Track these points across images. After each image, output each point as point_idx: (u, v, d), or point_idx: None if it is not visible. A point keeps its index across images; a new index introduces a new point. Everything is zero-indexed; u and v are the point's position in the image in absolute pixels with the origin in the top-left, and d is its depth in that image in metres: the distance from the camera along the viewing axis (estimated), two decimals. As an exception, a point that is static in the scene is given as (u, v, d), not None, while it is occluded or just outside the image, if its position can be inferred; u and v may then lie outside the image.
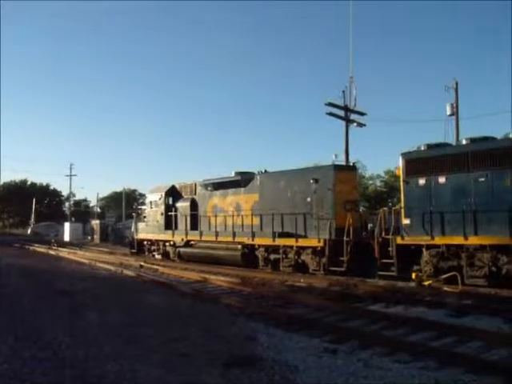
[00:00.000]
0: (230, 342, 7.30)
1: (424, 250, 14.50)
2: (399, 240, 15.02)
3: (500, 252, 13.17)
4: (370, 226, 18.34)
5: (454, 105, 27.77)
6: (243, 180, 21.58)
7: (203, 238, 22.92)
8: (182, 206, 25.05)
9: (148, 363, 6.19)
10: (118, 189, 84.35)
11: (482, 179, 13.71)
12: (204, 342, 7.28)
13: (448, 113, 27.77)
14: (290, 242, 18.34)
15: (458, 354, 6.77)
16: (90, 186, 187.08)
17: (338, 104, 26.43)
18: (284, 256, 18.71)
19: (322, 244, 17.04)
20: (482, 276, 13.50)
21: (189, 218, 24.03)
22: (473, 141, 14.50)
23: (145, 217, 28.62)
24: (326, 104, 26.13)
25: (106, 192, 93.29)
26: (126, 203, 71.00)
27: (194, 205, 24.41)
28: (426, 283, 13.85)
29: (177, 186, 26.50)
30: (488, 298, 11.81)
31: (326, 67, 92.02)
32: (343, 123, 26.86)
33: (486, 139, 14.31)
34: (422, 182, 14.91)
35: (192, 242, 23.93)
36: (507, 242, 12.92)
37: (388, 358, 6.71)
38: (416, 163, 15.16)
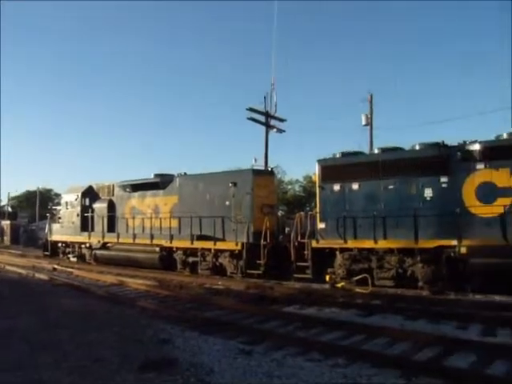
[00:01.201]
0: (145, 346, 7.26)
1: (338, 253, 15.11)
2: (314, 243, 15.57)
3: (406, 255, 14.05)
4: (287, 229, 18.83)
5: (369, 116, 29.13)
6: (162, 182, 21.43)
7: (121, 240, 22.48)
8: (99, 207, 24.44)
9: (59, 370, 6.02)
10: (32, 188, 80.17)
11: (391, 186, 14.58)
12: (119, 346, 7.19)
13: (363, 123, 29.09)
14: (208, 244, 18.43)
15: (365, 351, 7.19)
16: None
17: (259, 110, 26.86)
18: (202, 259, 18.78)
19: (239, 247, 17.29)
20: (389, 277, 14.31)
21: (106, 220, 23.48)
22: (383, 150, 15.37)
23: (60, 218, 27.62)
24: (247, 109, 26.50)
25: (18, 191, 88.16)
26: (41, 203, 67.77)
27: (111, 206, 23.88)
28: (339, 285, 14.43)
29: (94, 187, 25.82)
30: (394, 298, 12.49)
31: (251, 73, 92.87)
32: (264, 128, 27.34)
33: (395, 149, 15.23)
34: (336, 188, 15.56)
35: (109, 245, 23.38)
36: (412, 245, 13.83)
37: (301, 358, 6.97)
38: (331, 170, 15.79)
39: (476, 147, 13.61)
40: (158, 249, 20.37)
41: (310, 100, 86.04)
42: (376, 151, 15.96)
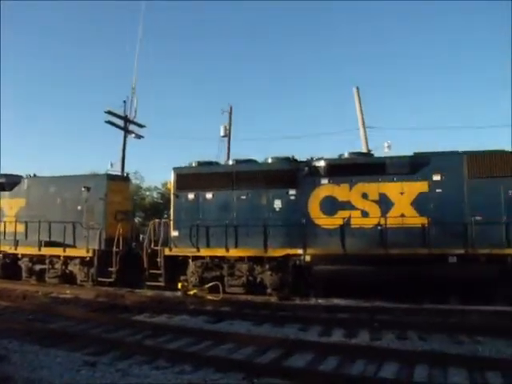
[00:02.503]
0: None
1: (190, 261, 15.31)
2: (167, 251, 15.59)
3: (256, 263, 14.73)
4: (142, 236, 18.62)
5: (227, 127, 29.87)
6: (8, 183, 19.87)
7: (-45, 247, 20.33)
8: None
9: None
10: None
11: (244, 197, 15.21)
12: None
13: (221, 134, 29.73)
14: (57, 251, 17.52)
15: (211, 357, 7.40)
16: None
17: (117, 113, 26.12)
18: (50, 266, 17.79)
19: (90, 254, 16.74)
20: (240, 285, 14.86)
21: None
22: (238, 162, 15.97)
23: None
24: (105, 112, 25.61)
25: None
26: None
27: None
28: (191, 293, 14.60)
29: None
30: (243, 305, 12.94)
31: (110, 73, 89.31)
32: (122, 133, 26.65)
33: (249, 161, 15.91)
34: (191, 196, 15.78)
35: None
36: (261, 253, 14.58)
37: (147, 366, 6.96)
38: (186, 178, 15.98)
39: (321, 164, 14.81)
40: (0, 256, 18.84)
41: (174, 108, 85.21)
42: (231, 162, 16.52)
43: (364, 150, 22.50)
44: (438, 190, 13.92)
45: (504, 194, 13.42)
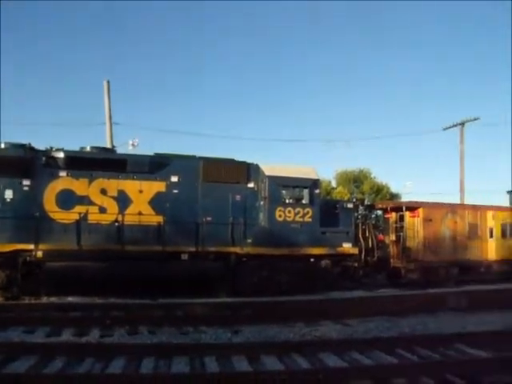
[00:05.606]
0: None
1: None
2: None
3: None
4: None
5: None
6: None
7: None
8: None
9: None
10: None
11: None
12: None
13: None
14: None
15: None
16: None
17: None
18: None
19: None
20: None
21: None
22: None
23: None
24: None
25: None
26: None
27: None
28: None
29: None
30: None
31: None
32: None
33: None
34: None
35: None
36: None
37: None
38: None
39: (60, 155, 14.11)
40: None
41: None
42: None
43: (108, 146, 22.35)
44: (174, 191, 14.73)
45: (231, 199, 15.01)
